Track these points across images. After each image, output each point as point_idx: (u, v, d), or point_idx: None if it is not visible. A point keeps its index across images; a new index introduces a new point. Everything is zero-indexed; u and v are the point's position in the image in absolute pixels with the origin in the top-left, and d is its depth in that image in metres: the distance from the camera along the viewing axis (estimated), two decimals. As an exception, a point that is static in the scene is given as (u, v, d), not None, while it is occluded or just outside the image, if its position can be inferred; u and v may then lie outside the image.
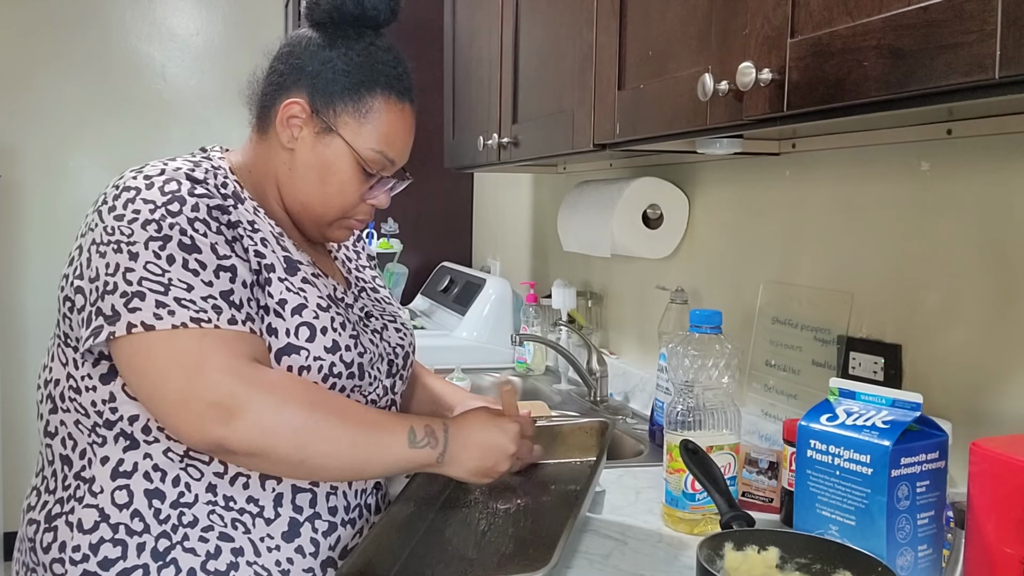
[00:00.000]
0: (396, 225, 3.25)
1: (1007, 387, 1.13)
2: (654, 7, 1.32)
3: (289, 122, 1.14)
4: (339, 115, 1.14)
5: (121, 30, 3.58)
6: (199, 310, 0.98)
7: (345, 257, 1.35)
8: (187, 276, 0.99)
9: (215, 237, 1.03)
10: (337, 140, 1.14)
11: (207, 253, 1.01)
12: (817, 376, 1.43)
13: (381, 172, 1.17)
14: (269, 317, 1.07)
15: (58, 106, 3.53)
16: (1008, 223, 1.13)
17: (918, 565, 0.99)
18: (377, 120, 1.15)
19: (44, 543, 1.07)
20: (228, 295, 1.01)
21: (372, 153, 1.15)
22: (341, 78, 1.14)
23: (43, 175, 3.54)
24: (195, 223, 1.02)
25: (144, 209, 1.01)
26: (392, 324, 1.30)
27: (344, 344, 1.11)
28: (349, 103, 1.14)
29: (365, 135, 1.14)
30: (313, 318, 1.09)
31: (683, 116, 1.21)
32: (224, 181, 1.12)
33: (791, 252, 1.55)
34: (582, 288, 2.37)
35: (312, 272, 1.15)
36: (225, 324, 0.99)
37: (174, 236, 1.00)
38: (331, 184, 1.15)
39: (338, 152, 1.14)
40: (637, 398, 2.05)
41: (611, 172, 2.18)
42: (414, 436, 1.06)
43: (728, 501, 1.08)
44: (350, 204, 1.17)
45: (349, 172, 1.15)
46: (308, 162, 1.15)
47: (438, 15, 2.64)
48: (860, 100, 0.87)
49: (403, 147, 1.19)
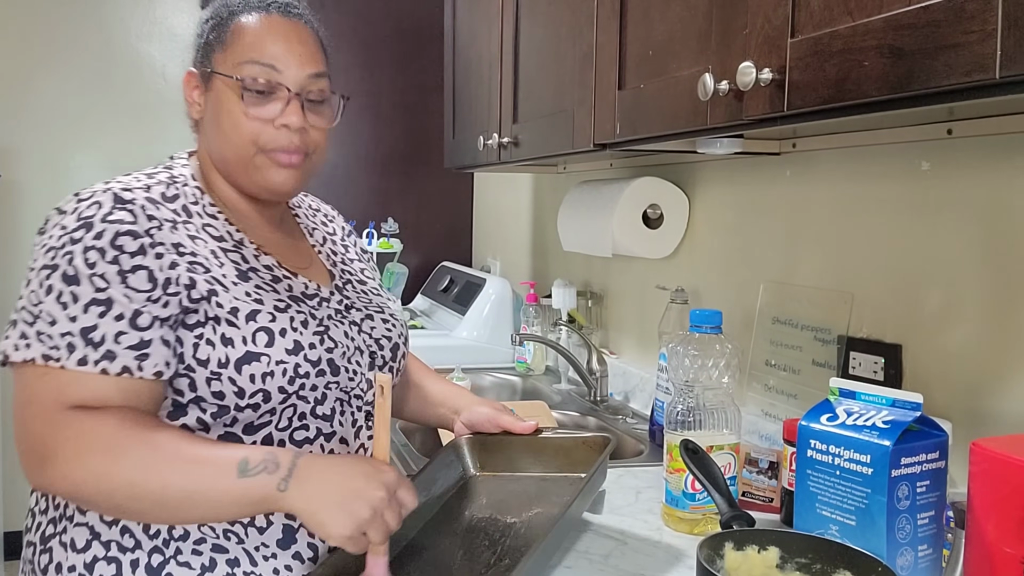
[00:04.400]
0: (396, 225, 3.26)
1: (1007, 387, 1.13)
2: (654, 7, 1.32)
3: (190, 95, 1.15)
4: (213, 59, 1.12)
5: (121, 30, 3.58)
6: (52, 347, 0.97)
7: (330, 251, 1.31)
8: (55, 309, 0.98)
9: (105, 267, 0.99)
10: (214, 79, 1.11)
11: (84, 285, 0.98)
12: (817, 376, 1.43)
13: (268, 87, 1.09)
14: (222, 327, 1.03)
15: (58, 106, 3.52)
16: (1008, 223, 1.13)
17: (918, 565, 0.99)
18: (239, 38, 1.11)
19: (42, 565, 1.07)
20: (88, 332, 0.97)
21: (242, 68, 1.09)
22: (209, 32, 1.13)
23: (43, 175, 3.53)
24: (89, 252, 0.99)
25: (55, 235, 1.01)
26: (378, 315, 1.24)
27: (307, 342, 1.08)
28: (216, 44, 1.12)
29: (231, 57, 1.10)
30: (270, 321, 1.06)
31: (683, 116, 1.21)
32: (176, 193, 1.09)
33: (791, 252, 1.55)
34: (582, 288, 2.37)
35: (273, 276, 1.12)
36: (73, 364, 0.97)
37: (61, 265, 0.99)
38: (223, 120, 1.10)
39: (220, 88, 1.11)
40: (637, 398, 2.05)
41: (611, 172, 2.18)
42: (246, 464, 0.96)
43: (728, 501, 1.08)
44: (249, 131, 1.09)
45: (231, 99, 1.10)
46: (208, 117, 1.13)
47: (438, 15, 2.64)
48: (860, 100, 0.87)
49: (280, 51, 1.10)
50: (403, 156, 3.45)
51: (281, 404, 1.06)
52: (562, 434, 1.38)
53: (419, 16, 3.34)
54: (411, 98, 3.41)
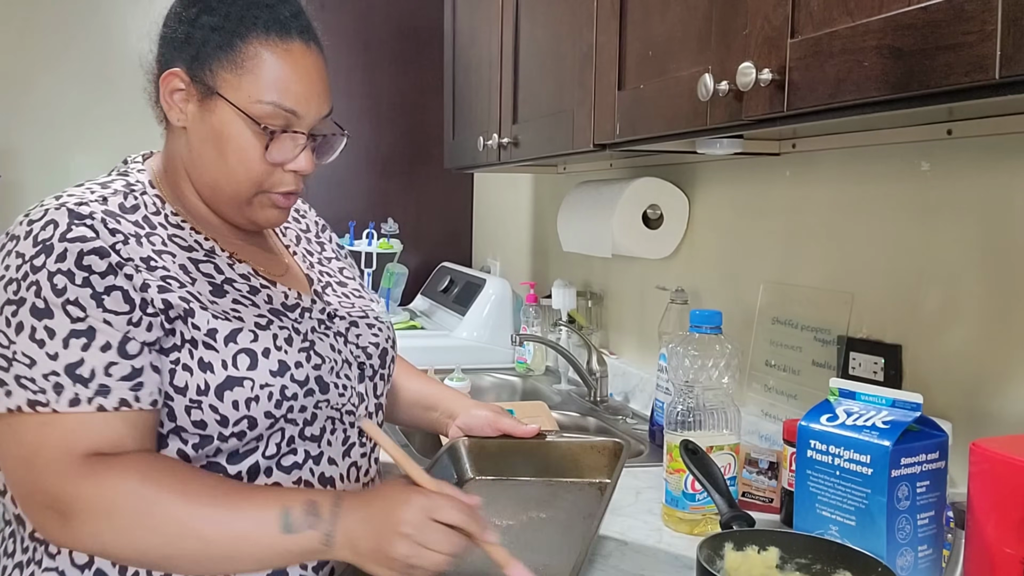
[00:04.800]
0: (396, 225, 3.26)
1: (1007, 387, 1.13)
2: (654, 7, 1.32)
3: (172, 97, 1.01)
4: (216, 73, 0.99)
5: (121, 30, 3.58)
6: (38, 391, 0.88)
7: (305, 251, 1.22)
8: (32, 349, 0.89)
9: (76, 291, 0.90)
10: (220, 102, 0.99)
11: (59, 317, 0.89)
12: (817, 376, 1.43)
13: (287, 128, 1.01)
14: (199, 351, 0.95)
15: (58, 106, 3.52)
16: (1008, 223, 1.13)
17: (918, 565, 0.99)
18: (257, 68, 0.99)
19: None
20: (74, 368, 0.89)
21: (261, 107, 0.99)
22: (212, 34, 1.00)
23: (43, 175, 3.53)
24: (55, 277, 0.90)
25: (13, 266, 0.92)
26: (363, 320, 1.16)
27: (294, 361, 1.00)
28: (224, 57, 0.99)
29: (247, 88, 0.99)
30: (251, 341, 0.98)
31: (683, 116, 1.21)
32: (135, 203, 1.00)
33: (791, 252, 1.55)
34: (582, 288, 2.37)
35: (250, 288, 1.04)
36: (65, 407, 0.88)
37: (28, 299, 0.90)
38: (229, 154, 1.00)
39: (226, 116, 0.99)
40: (637, 398, 2.05)
41: (611, 172, 2.18)
42: (287, 519, 0.90)
43: (728, 501, 1.08)
44: (258, 174, 1.02)
45: (243, 135, 0.99)
46: (201, 136, 1.01)
47: (438, 16, 2.64)
48: (860, 100, 0.87)
49: (303, 92, 1.01)
50: (403, 156, 3.45)
51: (268, 430, 0.99)
52: (568, 438, 1.34)
53: (419, 17, 3.34)
54: (411, 99, 3.41)
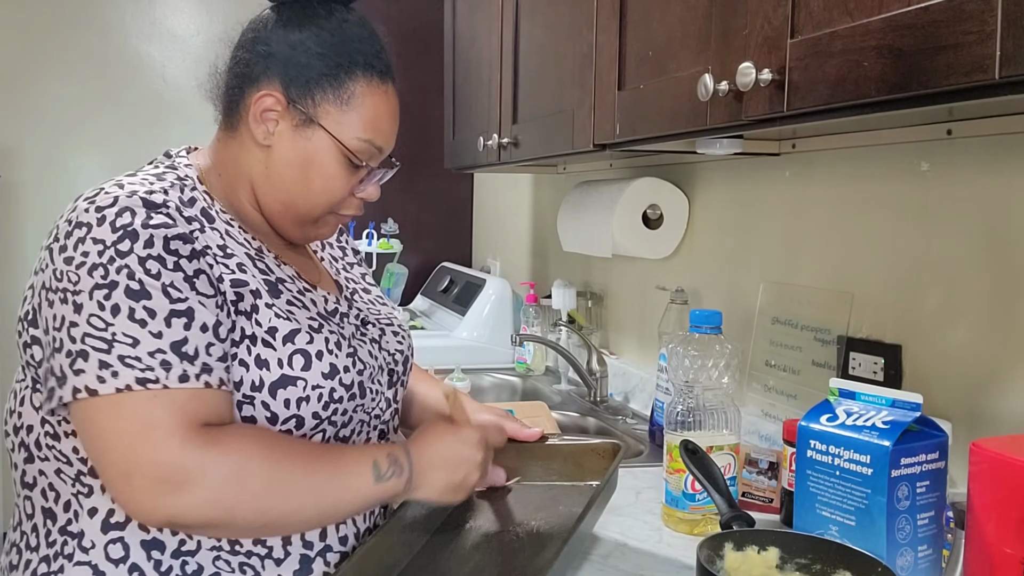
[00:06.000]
0: (396, 225, 3.26)
1: (1007, 387, 1.13)
2: (654, 7, 1.32)
3: (263, 116, 1.03)
4: (319, 104, 1.03)
5: (121, 30, 3.58)
6: (145, 368, 0.89)
7: (331, 257, 1.25)
8: (133, 328, 0.89)
9: (171, 275, 0.92)
10: (319, 132, 1.03)
11: (158, 298, 0.91)
12: (817, 376, 1.43)
13: (369, 162, 1.08)
14: (257, 348, 0.98)
15: (58, 106, 3.52)
16: (1008, 223, 1.13)
17: (918, 565, 0.99)
18: (360, 106, 1.05)
19: None
20: (180, 346, 0.91)
21: (359, 143, 1.05)
22: (316, 62, 1.03)
23: (43, 175, 3.53)
24: (147, 262, 0.91)
25: (93, 251, 0.91)
26: (389, 328, 1.20)
27: (342, 366, 1.04)
28: (329, 90, 1.03)
29: (349, 124, 1.04)
30: (307, 343, 1.01)
31: (683, 116, 1.21)
32: (192, 196, 1.02)
33: (791, 252, 1.55)
34: (582, 288, 2.37)
35: (299, 289, 1.07)
36: (175, 382, 0.89)
37: (120, 282, 0.90)
38: (315, 180, 1.05)
39: (321, 145, 1.04)
40: (637, 398, 2.05)
41: (611, 172, 2.18)
42: (378, 470, 0.99)
43: (728, 501, 1.08)
44: (338, 199, 1.07)
45: (335, 166, 1.05)
46: (288, 159, 1.04)
47: (438, 16, 2.64)
48: (860, 100, 0.88)
49: (390, 133, 1.10)
50: (403, 156, 3.44)
51: (312, 430, 1.02)
52: (569, 441, 1.35)
53: (419, 18, 3.34)
54: (411, 99, 3.38)
